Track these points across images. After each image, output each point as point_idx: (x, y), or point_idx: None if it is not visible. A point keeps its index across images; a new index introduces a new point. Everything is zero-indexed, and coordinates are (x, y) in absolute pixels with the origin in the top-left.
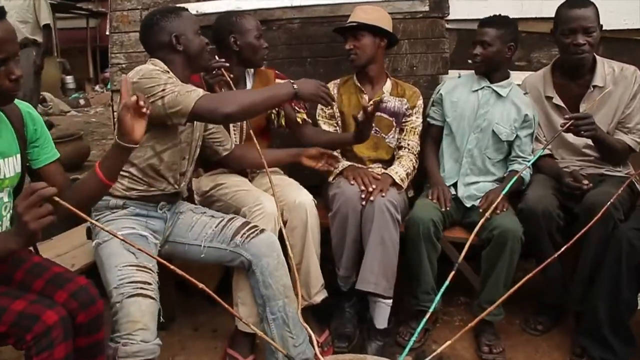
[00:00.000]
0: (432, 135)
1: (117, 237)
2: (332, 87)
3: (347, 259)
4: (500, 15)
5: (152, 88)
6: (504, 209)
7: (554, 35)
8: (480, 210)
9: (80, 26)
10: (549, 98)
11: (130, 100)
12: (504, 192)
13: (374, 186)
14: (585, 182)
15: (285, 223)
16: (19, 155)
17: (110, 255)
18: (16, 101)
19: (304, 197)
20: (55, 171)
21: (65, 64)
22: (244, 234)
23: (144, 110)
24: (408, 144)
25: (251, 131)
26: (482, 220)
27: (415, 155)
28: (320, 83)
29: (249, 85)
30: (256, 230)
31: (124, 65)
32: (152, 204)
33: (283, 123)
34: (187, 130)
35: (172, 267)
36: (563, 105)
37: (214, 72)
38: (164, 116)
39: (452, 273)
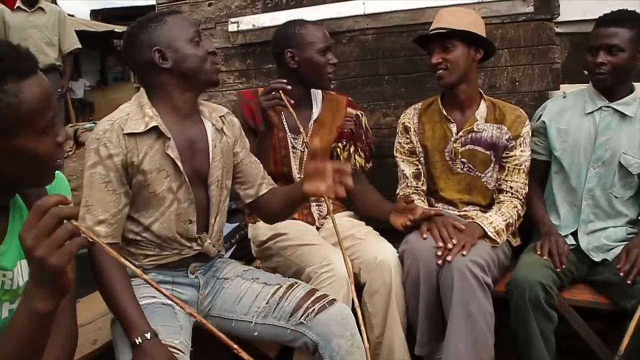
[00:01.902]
0: (535, 174)
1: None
2: (412, 113)
3: (422, 333)
4: (625, 9)
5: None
6: None
7: None
8: (621, 274)
9: None
10: None
11: None
12: None
13: (454, 241)
14: None
15: (362, 285)
16: None
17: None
18: None
19: (386, 253)
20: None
21: None
22: (308, 307)
23: None
24: (511, 187)
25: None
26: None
27: (521, 200)
28: None
29: (315, 111)
30: (324, 301)
31: None
32: (180, 268)
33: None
34: (178, 189)
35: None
36: None
37: (272, 93)
38: None
39: None
